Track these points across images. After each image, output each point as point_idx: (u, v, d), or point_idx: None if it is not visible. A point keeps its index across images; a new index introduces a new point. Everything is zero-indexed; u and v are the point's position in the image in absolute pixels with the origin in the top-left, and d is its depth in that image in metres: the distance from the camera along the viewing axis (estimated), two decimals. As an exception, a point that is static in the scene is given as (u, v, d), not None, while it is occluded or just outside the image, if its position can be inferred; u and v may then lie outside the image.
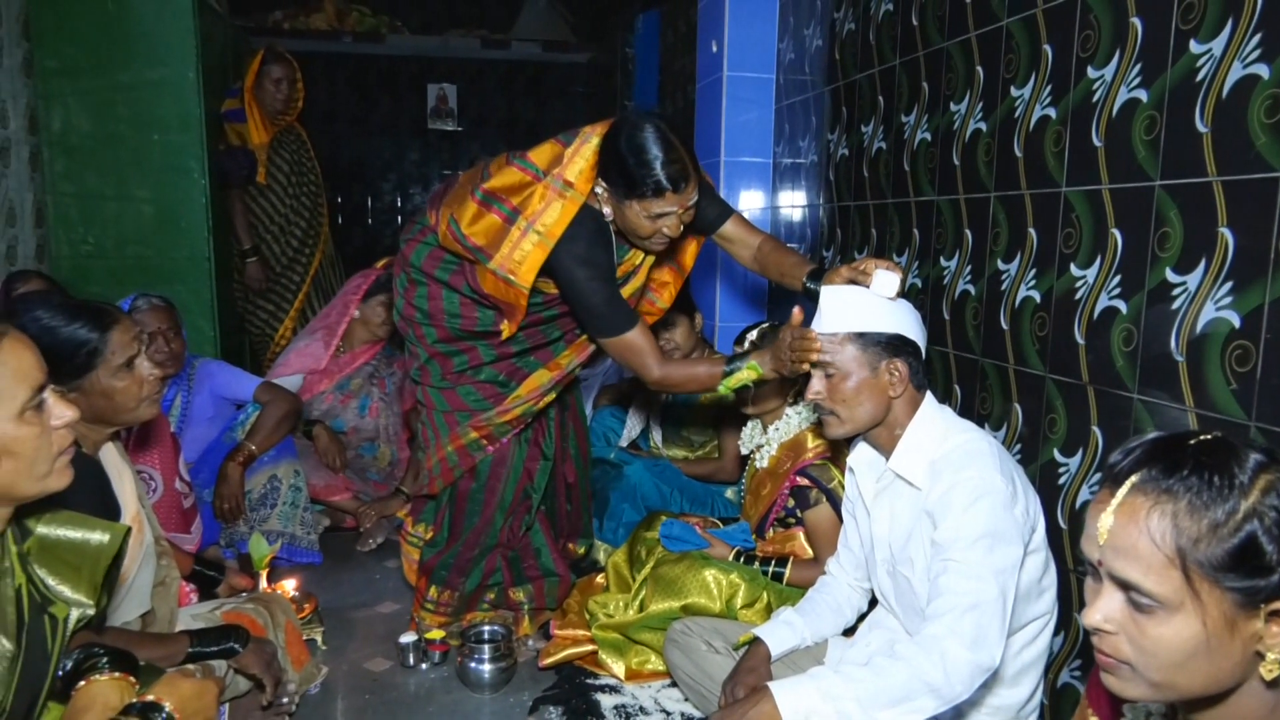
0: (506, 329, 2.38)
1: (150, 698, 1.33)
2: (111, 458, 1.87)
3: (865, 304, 1.78)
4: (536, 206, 2.17)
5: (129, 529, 1.46)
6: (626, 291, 2.36)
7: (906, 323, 1.78)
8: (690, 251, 2.57)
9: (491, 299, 2.34)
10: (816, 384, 1.79)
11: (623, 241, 2.30)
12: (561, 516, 2.88)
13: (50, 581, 1.34)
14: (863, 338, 1.75)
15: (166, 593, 1.85)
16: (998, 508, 1.60)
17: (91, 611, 1.36)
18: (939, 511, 1.65)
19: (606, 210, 2.21)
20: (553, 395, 2.57)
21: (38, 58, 3.86)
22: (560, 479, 2.82)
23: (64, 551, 1.36)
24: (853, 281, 1.90)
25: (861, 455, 1.94)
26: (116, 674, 1.35)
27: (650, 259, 2.37)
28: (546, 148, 2.26)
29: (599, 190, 2.19)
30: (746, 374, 2.18)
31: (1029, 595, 1.72)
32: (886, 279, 1.81)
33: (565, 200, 2.17)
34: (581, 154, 2.18)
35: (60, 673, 1.35)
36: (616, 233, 2.27)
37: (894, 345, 1.76)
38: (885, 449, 1.82)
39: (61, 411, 1.27)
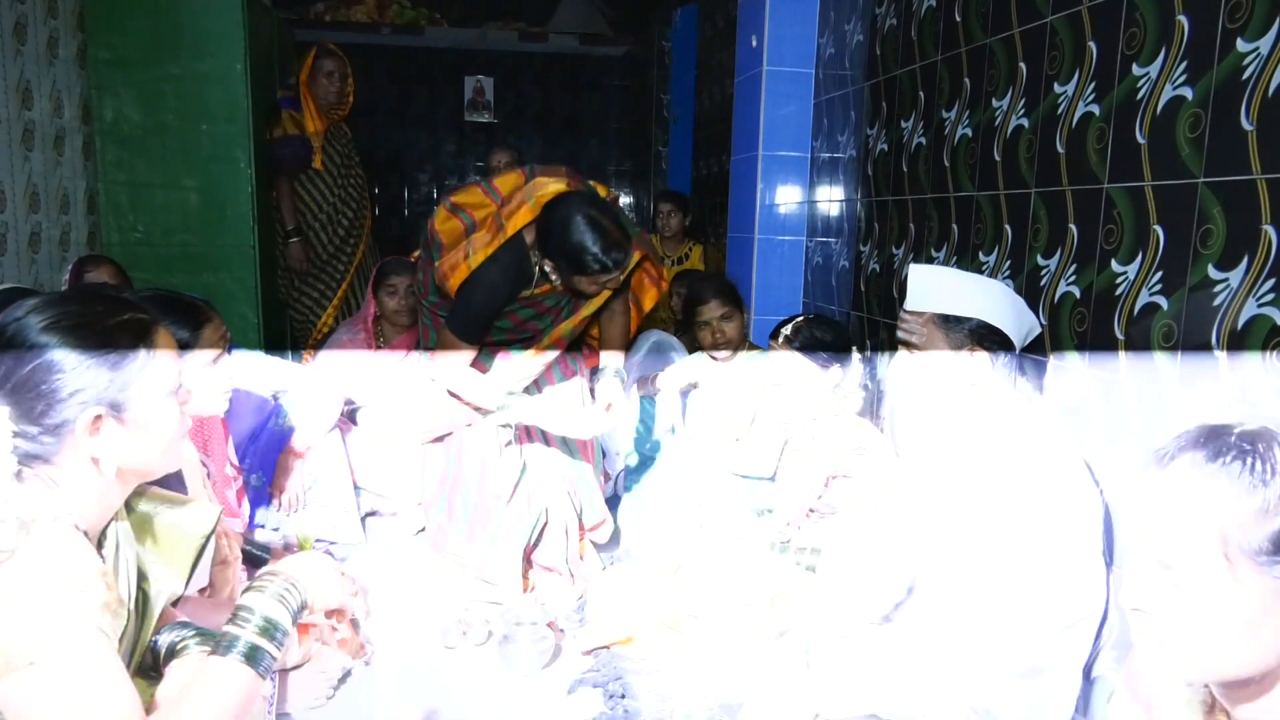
0: None
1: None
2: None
3: (953, 286, 1.77)
4: (483, 233, 2.57)
5: (221, 510, 1.52)
6: (534, 294, 2.67)
7: (997, 311, 1.77)
8: (649, 295, 2.95)
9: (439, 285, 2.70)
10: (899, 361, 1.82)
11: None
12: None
13: (147, 558, 1.40)
14: (946, 320, 1.75)
15: (227, 571, 1.92)
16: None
17: (181, 591, 1.42)
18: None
19: (554, 276, 2.57)
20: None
21: (91, 49, 3.96)
22: (561, 477, 2.94)
23: (162, 530, 1.43)
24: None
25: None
26: (207, 651, 1.41)
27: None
28: (512, 177, 2.66)
29: (548, 266, 2.54)
30: (506, 415, 2.66)
31: (1076, 590, 1.73)
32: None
33: (496, 238, 2.53)
34: (526, 205, 2.52)
35: (152, 648, 1.42)
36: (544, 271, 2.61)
37: (979, 332, 1.75)
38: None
39: (185, 395, 1.37)
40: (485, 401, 2.70)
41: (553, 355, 2.80)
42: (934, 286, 1.77)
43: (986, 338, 1.75)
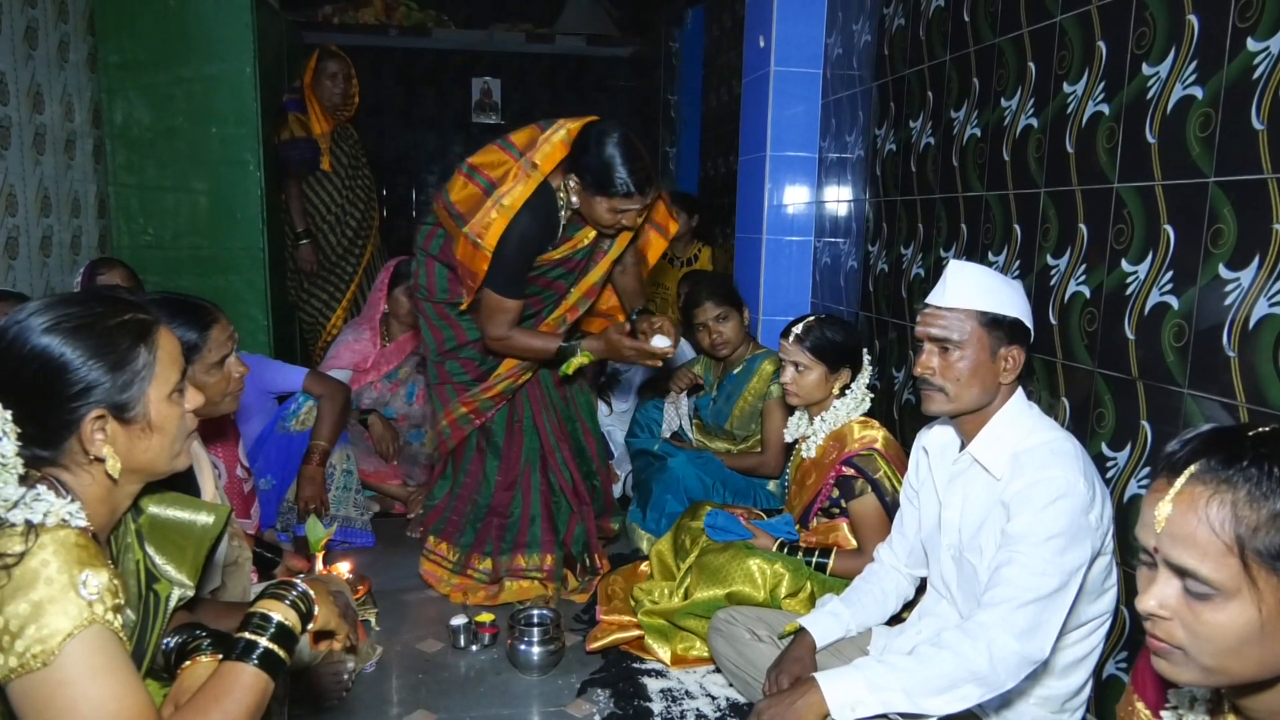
0: (465, 300, 2.69)
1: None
2: (192, 445, 1.96)
3: (993, 284, 1.74)
4: (509, 183, 2.51)
5: (230, 510, 1.53)
6: (560, 254, 2.67)
7: (1026, 310, 1.76)
8: (654, 248, 2.97)
9: (460, 266, 2.63)
10: (929, 358, 1.77)
11: (575, 221, 2.64)
12: (583, 493, 2.99)
13: (158, 560, 1.41)
14: (988, 318, 1.73)
15: (240, 572, 1.93)
16: (1076, 510, 1.61)
17: (191, 593, 1.43)
18: (1017, 504, 1.65)
19: (574, 199, 2.56)
20: (529, 375, 2.83)
21: (101, 53, 3.99)
22: (571, 460, 2.96)
23: (172, 531, 1.44)
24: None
25: (935, 437, 1.94)
26: (220, 655, 1.41)
27: (615, 243, 2.73)
28: (526, 131, 2.64)
29: (572, 183, 2.53)
30: (579, 360, 2.66)
31: (1090, 594, 1.73)
32: (661, 341, 2.55)
33: (529, 179, 2.50)
34: (551, 141, 2.53)
35: (164, 649, 1.42)
36: (575, 214, 2.62)
37: (1013, 331, 1.74)
38: (967, 434, 1.81)
39: (192, 396, 1.39)
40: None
41: (585, 305, 2.81)
42: (977, 283, 1.74)
43: (1019, 336, 1.75)
